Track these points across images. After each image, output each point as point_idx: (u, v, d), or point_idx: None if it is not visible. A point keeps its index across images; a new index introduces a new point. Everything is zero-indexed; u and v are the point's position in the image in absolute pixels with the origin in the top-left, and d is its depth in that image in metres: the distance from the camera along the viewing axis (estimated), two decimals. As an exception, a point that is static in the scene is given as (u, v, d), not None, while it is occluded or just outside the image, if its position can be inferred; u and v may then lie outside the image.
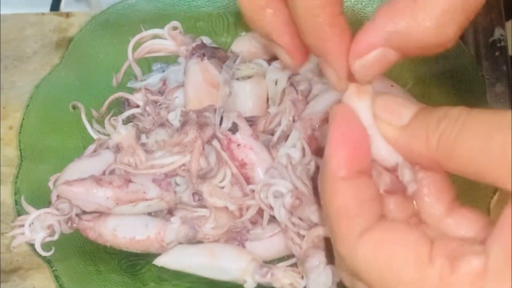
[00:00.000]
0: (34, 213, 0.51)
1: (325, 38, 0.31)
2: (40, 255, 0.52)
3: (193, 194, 0.52)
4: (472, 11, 0.30)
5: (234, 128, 0.52)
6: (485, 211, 0.50)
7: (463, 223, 0.31)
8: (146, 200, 0.53)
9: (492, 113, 0.27)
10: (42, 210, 0.51)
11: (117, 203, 0.52)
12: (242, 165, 0.53)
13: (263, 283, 0.51)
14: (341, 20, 0.32)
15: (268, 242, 0.53)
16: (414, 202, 0.33)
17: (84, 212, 0.54)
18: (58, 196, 0.51)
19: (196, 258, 0.53)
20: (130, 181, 0.52)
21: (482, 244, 0.27)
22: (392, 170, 0.32)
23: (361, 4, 0.66)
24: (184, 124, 0.52)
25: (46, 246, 0.52)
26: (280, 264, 0.53)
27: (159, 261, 0.53)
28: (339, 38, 0.31)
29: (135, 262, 0.56)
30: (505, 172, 0.26)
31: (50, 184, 0.56)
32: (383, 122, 0.31)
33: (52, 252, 0.52)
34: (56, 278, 0.51)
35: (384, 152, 0.31)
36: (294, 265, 0.52)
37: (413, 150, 0.30)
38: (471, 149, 0.27)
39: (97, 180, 0.52)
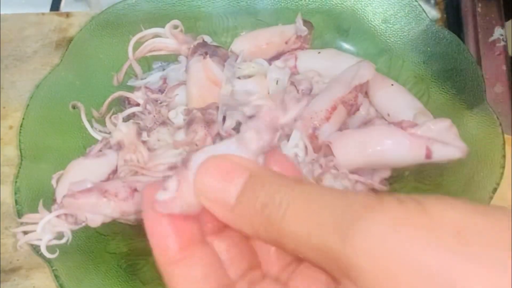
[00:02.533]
0: (47, 216, 0.51)
1: None
2: (41, 255, 0.51)
3: None
4: None
5: (238, 127, 0.52)
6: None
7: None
8: None
9: (313, 193, 0.27)
10: (53, 214, 0.51)
11: (122, 215, 0.52)
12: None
13: None
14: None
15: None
16: None
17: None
18: (64, 196, 0.51)
19: None
20: (135, 190, 0.52)
21: None
22: None
23: (361, 4, 0.66)
24: (190, 122, 0.52)
25: (50, 248, 0.52)
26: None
27: None
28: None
29: (135, 261, 0.56)
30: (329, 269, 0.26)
31: (53, 182, 0.56)
32: (209, 202, 0.29)
33: (57, 254, 0.52)
34: (56, 277, 0.51)
35: None
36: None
37: (244, 233, 0.29)
38: (294, 241, 0.26)
39: (103, 192, 0.51)
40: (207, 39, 0.61)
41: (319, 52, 0.62)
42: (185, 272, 0.29)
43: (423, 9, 0.62)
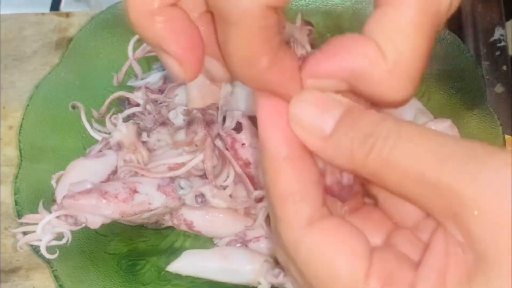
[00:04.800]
0: (47, 216, 0.51)
1: (268, 82, 0.29)
2: (41, 256, 0.51)
3: (196, 196, 0.52)
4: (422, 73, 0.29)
5: (238, 128, 0.52)
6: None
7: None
8: (151, 210, 0.53)
9: (423, 133, 0.26)
10: (53, 215, 0.51)
11: (122, 216, 0.52)
12: (246, 164, 0.53)
13: (275, 283, 0.51)
14: (280, 55, 0.29)
15: (271, 243, 0.53)
16: None
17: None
18: (64, 197, 0.51)
19: (210, 263, 0.53)
20: (135, 191, 0.52)
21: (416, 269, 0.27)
22: None
23: (361, 4, 0.66)
24: (190, 123, 0.52)
25: (50, 249, 0.52)
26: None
27: (172, 267, 0.54)
28: (279, 77, 0.29)
29: (135, 262, 0.56)
30: (437, 208, 0.25)
31: (53, 182, 0.56)
32: (303, 130, 0.28)
33: (56, 255, 0.52)
34: (56, 278, 0.51)
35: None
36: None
37: (337, 164, 0.28)
38: (401, 174, 0.26)
39: (103, 193, 0.51)
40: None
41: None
42: (297, 172, 0.28)
43: (423, 9, 0.62)
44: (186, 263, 0.54)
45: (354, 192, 0.31)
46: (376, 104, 0.29)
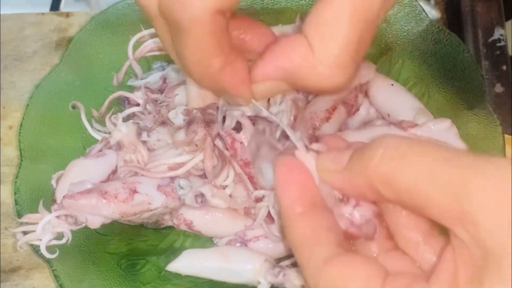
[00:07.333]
0: (47, 216, 0.51)
1: (221, 83, 0.34)
2: (41, 255, 0.52)
3: (196, 196, 0.52)
4: (361, 60, 0.33)
5: (238, 127, 0.52)
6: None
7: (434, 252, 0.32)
8: (151, 210, 0.53)
9: (430, 142, 0.28)
10: (53, 215, 0.51)
11: (122, 216, 0.52)
12: (245, 164, 0.53)
13: (275, 283, 0.51)
14: (231, 57, 0.33)
15: (271, 243, 0.54)
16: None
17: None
18: (64, 197, 0.51)
19: (209, 262, 0.53)
20: (135, 191, 0.52)
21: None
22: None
23: (361, 4, 0.66)
24: (190, 122, 0.52)
25: (50, 248, 0.52)
26: (282, 263, 0.53)
27: (171, 267, 0.54)
28: (232, 78, 0.34)
29: (135, 261, 0.56)
30: (446, 206, 0.26)
31: (53, 182, 0.56)
32: (325, 172, 0.32)
33: (56, 254, 0.52)
34: (56, 278, 0.51)
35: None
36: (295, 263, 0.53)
37: (354, 185, 0.30)
38: (413, 174, 0.27)
39: (103, 193, 0.51)
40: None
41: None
42: (310, 222, 0.31)
43: (423, 9, 0.62)
44: (185, 263, 0.54)
45: (385, 232, 0.33)
46: (314, 92, 0.33)
